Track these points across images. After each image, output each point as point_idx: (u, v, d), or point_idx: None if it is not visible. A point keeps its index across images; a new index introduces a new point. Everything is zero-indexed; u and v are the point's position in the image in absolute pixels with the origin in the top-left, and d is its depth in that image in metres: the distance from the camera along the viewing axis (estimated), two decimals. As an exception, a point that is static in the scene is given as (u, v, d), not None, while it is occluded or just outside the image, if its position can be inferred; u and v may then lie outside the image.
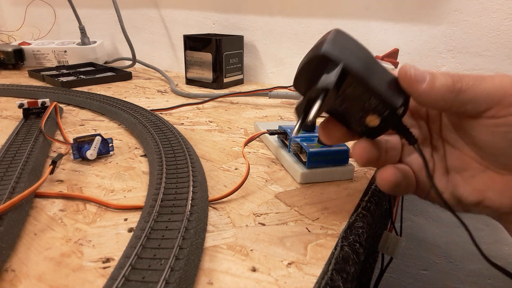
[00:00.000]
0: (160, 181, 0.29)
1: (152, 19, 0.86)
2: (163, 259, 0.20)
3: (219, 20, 0.78)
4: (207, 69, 0.68)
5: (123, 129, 0.45)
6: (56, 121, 0.44)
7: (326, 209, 0.28)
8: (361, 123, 0.23)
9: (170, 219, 0.24)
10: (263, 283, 0.20)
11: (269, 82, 0.77)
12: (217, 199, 0.29)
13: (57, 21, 1.00)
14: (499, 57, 0.55)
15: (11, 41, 0.99)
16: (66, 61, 0.84)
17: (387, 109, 0.22)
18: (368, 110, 0.22)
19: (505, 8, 0.53)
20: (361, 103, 0.22)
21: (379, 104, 0.22)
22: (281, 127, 0.38)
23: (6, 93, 0.59)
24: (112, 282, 0.18)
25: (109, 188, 0.31)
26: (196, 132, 0.45)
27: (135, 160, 0.36)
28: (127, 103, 0.51)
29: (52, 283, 0.20)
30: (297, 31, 0.70)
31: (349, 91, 0.21)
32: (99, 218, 0.26)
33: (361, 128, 0.23)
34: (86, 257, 0.22)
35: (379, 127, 0.23)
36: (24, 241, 0.24)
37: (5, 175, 0.29)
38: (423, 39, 0.59)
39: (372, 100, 0.22)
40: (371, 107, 0.22)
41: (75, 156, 0.35)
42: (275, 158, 0.38)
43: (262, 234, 0.25)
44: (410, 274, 0.74)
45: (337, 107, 0.23)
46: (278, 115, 0.53)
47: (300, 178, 0.32)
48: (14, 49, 0.80)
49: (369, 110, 0.22)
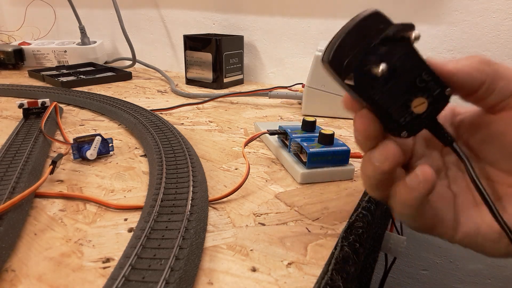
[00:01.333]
0: (160, 181, 0.29)
1: (152, 19, 0.86)
2: (163, 259, 0.20)
3: (219, 20, 0.78)
4: (207, 69, 0.68)
5: (123, 129, 0.45)
6: (56, 121, 0.44)
7: (326, 209, 0.28)
8: (404, 110, 0.20)
9: (170, 219, 0.24)
10: (263, 283, 0.20)
11: (269, 82, 0.77)
12: (217, 199, 0.29)
13: (57, 21, 1.00)
14: (499, 57, 0.55)
15: (11, 41, 0.99)
16: (66, 61, 0.84)
17: (437, 87, 0.19)
18: (417, 89, 0.19)
19: (505, 8, 0.53)
20: (411, 78, 0.19)
21: (431, 80, 0.19)
22: (281, 127, 0.38)
23: (6, 93, 0.59)
24: (112, 282, 0.18)
25: (109, 188, 0.31)
26: (196, 132, 0.45)
27: (135, 160, 0.36)
28: (127, 103, 0.51)
29: (52, 283, 0.20)
30: (297, 31, 0.70)
31: (399, 61, 0.19)
32: (99, 218, 0.26)
33: (404, 119, 0.20)
34: (86, 257, 0.22)
35: (424, 116, 0.20)
36: (24, 241, 0.24)
37: (5, 175, 0.29)
38: (423, 39, 0.59)
39: (424, 75, 0.19)
40: (421, 85, 0.19)
41: (75, 156, 0.35)
42: (275, 158, 0.38)
43: (262, 234, 0.25)
44: (410, 274, 0.74)
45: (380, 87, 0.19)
46: (278, 115, 0.53)
47: (300, 178, 0.32)
48: (14, 49, 0.80)
49: (418, 89, 0.19)
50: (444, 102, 0.20)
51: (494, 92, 0.20)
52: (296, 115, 0.54)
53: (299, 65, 0.72)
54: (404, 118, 0.20)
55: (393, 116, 0.20)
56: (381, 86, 0.19)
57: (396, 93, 0.19)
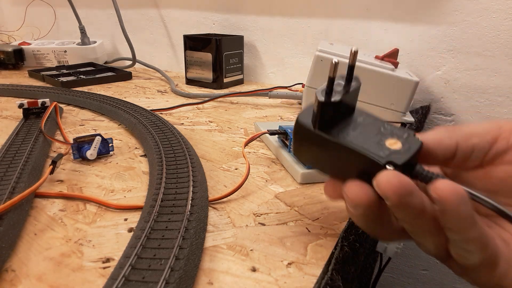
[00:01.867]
0: (160, 181, 0.29)
1: (152, 19, 0.86)
2: (163, 259, 0.20)
3: (219, 20, 0.78)
4: (207, 69, 0.68)
5: (123, 129, 0.45)
6: (56, 121, 0.44)
7: (326, 209, 0.28)
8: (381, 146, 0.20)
9: (170, 219, 0.24)
10: (263, 283, 0.20)
11: (269, 82, 0.77)
12: (217, 199, 0.29)
13: (57, 21, 1.00)
14: (499, 57, 0.55)
15: (11, 41, 0.99)
16: (66, 61, 0.84)
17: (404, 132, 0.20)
18: (386, 134, 0.20)
19: (505, 8, 0.53)
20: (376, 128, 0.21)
21: (395, 129, 0.20)
22: (281, 127, 0.38)
23: (6, 93, 0.59)
24: (112, 282, 0.18)
25: (109, 188, 0.31)
26: (196, 132, 0.45)
27: (135, 160, 0.36)
28: (127, 103, 0.51)
29: (52, 283, 0.20)
30: (297, 31, 0.70)
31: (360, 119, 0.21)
32: (99, 218, 0.26)
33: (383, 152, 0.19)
34: (86, 257, 0.22)
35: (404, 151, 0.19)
36: (24, 241, 0.24)
37: (5, 175, 0.29)
38: (423, 39, 0.59)
39: (386, 125, 0.21)
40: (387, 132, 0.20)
41: (75, 156, 0.35)
42: (275, 158, 0.38)
43: (262, 234, 0.25)
44: (410, 274, 0.74)
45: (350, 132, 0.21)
46: (278, 115, 0.53)
47: (300, 178, 0.32)
48: (14, 49, 0.80)
49: (386, 134, 0.20)
50: (417, 143, 0.19)
51: (472, 153, 0.20)
52: (296, 115, 0.54)
53: (299, 65, 0.72)
54: (383, 152, 0.19)
55: (371, 151, 0.19)
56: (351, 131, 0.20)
57: (366, 136, 0.20)
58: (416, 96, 0.61)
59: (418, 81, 0.48)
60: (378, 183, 0.18)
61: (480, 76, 0.57)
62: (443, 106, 0.61)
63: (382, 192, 0.17)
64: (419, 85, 0.51)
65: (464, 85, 0.58)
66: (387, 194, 0.17)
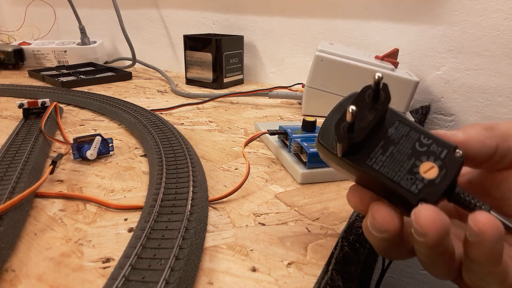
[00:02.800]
0: (160, 181, 0.29)
1: (152, 19, 0.86)
2: (163, 259, 0.20)
3: (219, 20, 0.78)
4: (207, 69, 0.68)
5: (123, 129, 0.45)
6: (56, 121, 0.44)
7: (326, 209, 0.28)
8: (414, 177, 0.18)
9: (170, 219, 0.24)
10: (263, 283, 0.20)
11: (269, 82, 0.77)
12: (217, 199, 0.29)
13: (57, 21, 1.00)
14: (499, 57, 0.55)
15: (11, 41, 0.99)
16: (66, 61, 0.84)
17: (443, 148, 0.18)
18: (420, 153, 0.18)
19: (505, 8, 0.53)
20: (410, 144, 0.18)
21: (432, 143, 0.18)
22: (281, 127, 0.38)
23: (6, 93, 0.59)
24: (112, 282, 0.18)
25: (109, 188, 0.31)
26: (196, 132, 0.45)
27: (135, 160, 0.36)
28: (127, 103, 0.51)
29: (52, 283, 0.20)
30: (297, 31, 0.70)
31: (392, 131, 0.19)
32: (99, 218, 0.26)
33: (416, 187, 0.18)
34: (86, 257, 0.22)
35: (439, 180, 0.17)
36: (24, 241, 0.24)
37: (5, 175, 0.29)
38: (423, 39, 0.59)
39: (423, 138, 0.18)
40: (422, 149, 0.18)
41: (75, 156, 0.35)
42: (275, 158, 0.38)
43: (262, 234, 0.25)
44: (410, 274, 0.74)
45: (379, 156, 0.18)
46: (278, 115, 0.53)
47: (300, 178, 0.32)
48: (14, 49, 0.80)
49: (421, 153, 0.18)
50: (456, 164, 0.18)
51: (507, 154, 0.19)
52: (296, 115, 0.54)
53: (299, 65, 0.72)
54: (416, 186, 0.18)
55: (402, 185, 0.18)
56: (380, 156, 0.18)
57: (397, 160, 0.18)
58: (416, 96, 0.61)
59: (418, 81, 0.48)
60: (418, 220, 0.16)
61: (480, 76, 0.57)
62: (443, 106, 0.61)
63: (422, 229, 0.16)
64: (419, 85, 0.51)
65: (464, 85, 0.58)
66: (427, 232, 0.16)
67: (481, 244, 0.16)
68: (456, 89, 0.59)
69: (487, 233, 0.16)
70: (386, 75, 0.48)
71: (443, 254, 0.17)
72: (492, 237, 0.16)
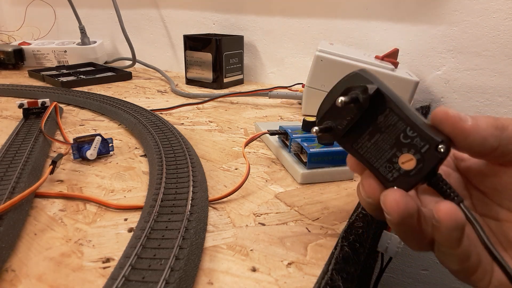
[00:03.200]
0: (160, 181, 0.29)
1: (152, 19, 0.86)
2: (163, 259, 0.20)
3: (219, 20, 0.78)
4: (207, 69, 0.68)
5: (123, 129, 0.45)
6: (56, 121, 0.44)
7: (326, 209, 0.28)
8: (392, 166, 0.20)
9: (170, 219, 0.24)
10: (263, 283, 0.20)
11: (269, 82, 0.77)
12: (217, 199, 0.29)
13: (57, 21, 1.00)
14: (499, 57, 0.55)
15: (11, 41, 0.99)
16: (66, 61, 0.84)
17: (425, 144, 0.19)
18: (402, 145, 0.19)
19: (505, 8, 0.53)
20: (395, 134, 0.19)
21: (417, 137, 0.19)
22: (281, 127, 0.38)
23: (6, 93, 0.59)
24: (112, 282, 0.18)
25: (109, 188, 0.31)
26: (196, 132, 0.45)
27: (135, 160, 0.36)
28: (127, 103, 0.51)
29: (52, 283, 0.20)
30: (297, 31, 0.70)
31: (381, 118, 0.20)
32: (99, 218, 0.26)
33: (391, 174, 0.20)
34: (86, 257, 0.22)
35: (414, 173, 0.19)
36: (24, 241, 0.24)
37: (5, 175, 0.29)
38: (423, 39, 0.59)
39: (408, 131, 0.19)
40: (406, 141, 0.19)
41: (75, 156, 0.35)
42: (275, 158, 0.38)
43: (262, 234, 0.25)
44: (410, 274, 0.74)
45: (365, 142, 0.20)
46: (278, 115, 0.53)
47: (300, 178, 0.32)
48: (14, 49, 0.80)
49: (403, 145, 0.19)
50: (434, 160, 0.19)
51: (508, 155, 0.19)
52: (296, 115, 0.54)
53: (299, 65, 0.72)
54: (392, 174, 0.20)
55: (380, 171, 0.20)
56: (366, 142, 0.20)
57: (380, 148, 0.20)
58: (416, 96, 0.61)
59: (418, 81, 0.48)
60: (383, 202, 0.19)
61: (480, 76, 0.57)
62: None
63: (386, 210, 0.19)
64: (419, 85, 0.51)
65: (464, 85, 0.58)
66: (390, 212, 0.19)
67: (439, 229, 0.18)
68: (456, 89, 0.59)
69: (444, 221, 0.18)
70: (386, 75, 0.48)
71: (410, 231, 0.20)
72: (449, 226, 0.18)
